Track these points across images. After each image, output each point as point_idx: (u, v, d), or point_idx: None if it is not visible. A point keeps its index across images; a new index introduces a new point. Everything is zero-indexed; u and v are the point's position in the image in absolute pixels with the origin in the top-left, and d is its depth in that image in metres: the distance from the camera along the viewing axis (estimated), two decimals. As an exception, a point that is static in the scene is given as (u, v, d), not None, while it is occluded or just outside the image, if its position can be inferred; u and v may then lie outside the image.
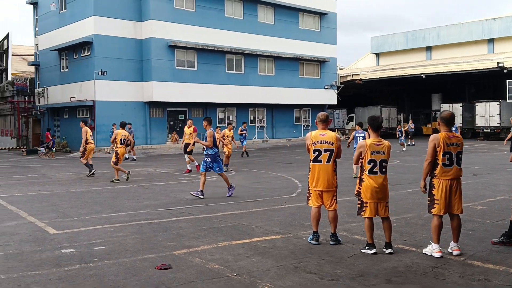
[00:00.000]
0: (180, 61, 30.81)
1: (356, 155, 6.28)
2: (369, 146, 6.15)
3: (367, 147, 6.14)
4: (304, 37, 37.27)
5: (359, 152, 6.23)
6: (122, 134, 14.70)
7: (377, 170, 6.13)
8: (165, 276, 5.29)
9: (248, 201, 10.51)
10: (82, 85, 29.64)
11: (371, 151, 6.13)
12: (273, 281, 5.13)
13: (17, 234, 7.44)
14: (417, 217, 8.45)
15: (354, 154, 6.66)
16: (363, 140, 6.26)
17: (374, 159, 6.13)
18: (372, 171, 6.13)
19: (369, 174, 6.13)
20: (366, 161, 6.14)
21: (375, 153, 6.14)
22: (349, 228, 7.58)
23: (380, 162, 6.15)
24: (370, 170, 6.13)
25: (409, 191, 11.52)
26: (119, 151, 14.41)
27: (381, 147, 6.18)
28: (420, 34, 50.84)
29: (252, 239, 6.97)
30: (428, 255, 6.01)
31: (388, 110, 44.02)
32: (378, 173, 6.14)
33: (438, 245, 6.00)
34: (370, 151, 6.13)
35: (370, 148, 6.14)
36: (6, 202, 10.61)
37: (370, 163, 6.12)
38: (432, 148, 6.01)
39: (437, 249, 5.98)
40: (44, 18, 33.58)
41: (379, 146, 6.17)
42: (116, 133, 14.74)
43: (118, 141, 14.55)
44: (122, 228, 7.78)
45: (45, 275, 5.37)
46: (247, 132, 25.42)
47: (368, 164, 6.13)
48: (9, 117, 37.77)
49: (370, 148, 6.14)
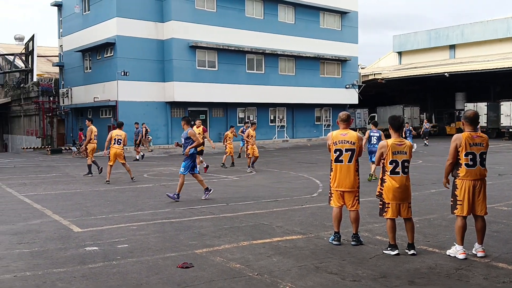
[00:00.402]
0: (201, 61, 30.99)
1: (377, 155, 6.21)
2: (391, 147, 6.07)
3: (389, 148, 6.07)
4: (325, 36, 37.06)
5: (380, 152, 6.16)
6: (116, 134, 14.13)
7: (399, 171, 6.06)
8: (187, 275, 5.33)
9: (269, 200, 10.51)
10: (105, 85, 30.07)
11: (393, 151, 6.06)
12: (294, 281, 5.12)
13: (42, 232, 7.60)
14: (441, 218, 8.32)
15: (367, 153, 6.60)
16: (385, 141, 6.19)
17: (396, 160, 6.06)
18: (394, 172, 6.06)
19: (391, 175, 6.06)
20: (388, 162, 6.07)
21: (397, 153, 6.07)
22: (371, 229, 7.52)
23: (402, 163, 6.07)
24: (392, 171, 6.06)
25: (432, 192, 11.36)
26: (111, 151, 14.00)
27: (403, 147, 6.11)
28: (444, 33, 50.06)
29: (273, 238, 6.97)
30: (452, 257, 5.91)
31: (411, 110, 43.47)
32: (400, 173, 6.06)
33: (462, 247, 5.90)
34: (391, 152, 6.06)
35: (392, 149, 6.07)
36: (31, 200, 10.85)
37: (392, 164, 6.05)
38: (453, 149, 5.91)
39: (461, 250, 5.88)
40: (68, 19, 34.19)
41: (401, 146, 6.10)
42: (110, 133, 14.35)
43: (112, 141, 14.08)
44: (144, 227, 7.87)
45: (69, 272, 5.47)
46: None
47: (390, 165, 6.06)
48: (34, 117, 38.57)
49: (391, 148, 6.07)
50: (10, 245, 6.73)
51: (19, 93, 40.38)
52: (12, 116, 43.49)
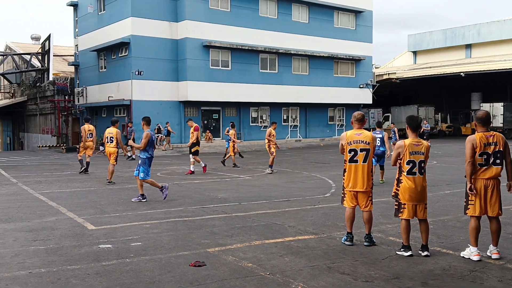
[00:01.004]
0: (214, 61, 31.07)
1: (394, 156, 6.16)
2: (408, 147, 6.02)
3: (406, 148, 6.02)
4: (339, 35, 36.89)
5: (397, 152, 6.10)
6: (109, 132, 13.86)
7: (416, 171, 6.00)
8: (199, 273, 5.35)
9: (281, 200, 10.50)
10: (120, 84, 30.33)
11: (410, 151, 6.01)
12: (306, 281, 5.11)
13: (57, 229, 7.70)
14: (455, 219, 8.24)
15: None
16: (402, 141, 6.14)
17: (413, 160, 6.00)
18: (411, 172, 6.01)
19: (408, 175, 6.01)
20: (405, 162, 6.02)
21: (414, 153, 6.01)
22: (384, 230, 7.47)
23: (419, 163, 6.02)
24: (409, 171, 6.01)
25: (447, 193, 11.25)
26: (106, 150, 13.89)
27: (420, 147, 6.06)
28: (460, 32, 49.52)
29: (285, 238, 6.97)
30: (466, 259, 5.85)
31: (426, 110, 43.08)
32: (417, 174, 6.01)
33: (476, 248, 5.84)
34: (409, 152, 6.01)
35: (409, 149, 6.02)
36: (47, 198, 10.99)
37: (409, 164, 6.00)
38: (470, 149, 5.83)
39: (475, 252, 5.82)
40: (84, 19, 34.54)
41: (418, 146, 6.05)
42: (106, 132, 14.08)
43: (105, 139, 13.98)
44: (157, 225, 7.92)
45: (83, 269, 5.53)
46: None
47: (407, 165, 6.01)
48: (50, 115, 39.06)
49: (409, 148, 6.02)
50: (26, 242, 6.83)
51: (35, 92, 40.92)
52: (28, 114, 44.09)
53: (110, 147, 13.73)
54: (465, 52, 49.53)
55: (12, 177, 15.64)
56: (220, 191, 12.04)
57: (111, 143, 13.74)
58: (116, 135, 13.76)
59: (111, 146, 13.73)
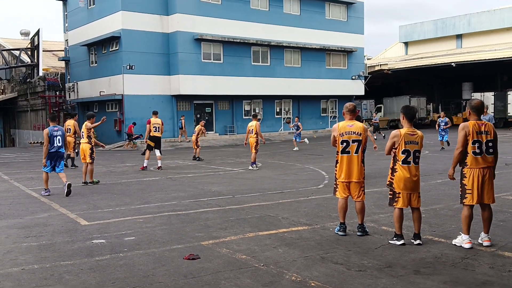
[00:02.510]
0: (206, 54, 30.95)
1: (389, 145, 6.19)
2: (404, 136, 6.05)
3: (402, 137, 6.05)
4: (331, 27, 36.85)
5: (392, 142, 6.13)
6: (86, 127, 12.56)
7: (411, 160, 6.05)
8: (193, 266, 5.36)
9: (275, 192, 10.52)
10: (111, 79, 30.14)
11: (405, 141, 6.05)
12: (300, 271, 5.14)
13: (49, 225, 7.67)
14: (447, 208, 8.30)
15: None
16: (397, 130, 6.17)
17: (408, 149, 6.04)
18: (405, 161, 6.05)
19: (403, 164, 6.05)
20: (400, 151, 6.05)
21: (409, 143, 6.05)
22: (377, 219, 7.52)
23: (414, 152, 6.06)
24: (404, 160, 6.04)
25: (439, 182, 11.32)
26: (82, 146, 12.52)
27: (415, 137, 6.10)
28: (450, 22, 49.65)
29: (279, 230, 6.99)
30: (458, 246, 5.91)
31: (418, 100, 43.26)
32: (411, 163, 6.05)
33: (468, 236, 5.90)
34: (404, 141, 6.04)
35: (405, 138, 6.05)
36: (39, 194, 10.93)
37: (404, 153, 6.04)
38: (463, 137, 5.89)
39: (467, 239, 5.88)
40: (73, 14, 34.22)
41: (413, 136, 6.09)
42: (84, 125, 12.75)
43: (80, 135, 12.82)
44: (151, 219, 7.91)
45: (77, 265, 5.52)
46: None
47: (402, 154, 6.05)
48: (41, 111, 38.76)
49: (404, 138, 6.05)
50: (18, 239, 6.80)
51: (26, 88, 40.57)
52: (19, 111, 43.72)
53: (83, 143, 12.46)
54: (456, 42, 49.70)
55: (3, 174, 15.54)
56: (213, 184, 12.04)
57: (83, 138, 12.49)
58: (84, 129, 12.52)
59: (83, 142, 12.46)
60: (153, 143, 15.77)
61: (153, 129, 15.75)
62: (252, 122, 15.72)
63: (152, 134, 15.71)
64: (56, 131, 10.97)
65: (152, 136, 15.73)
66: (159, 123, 15.76)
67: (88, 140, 12.43)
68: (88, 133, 12.46)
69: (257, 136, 15.41)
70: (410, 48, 53.63)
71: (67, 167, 16.31)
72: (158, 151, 15.86)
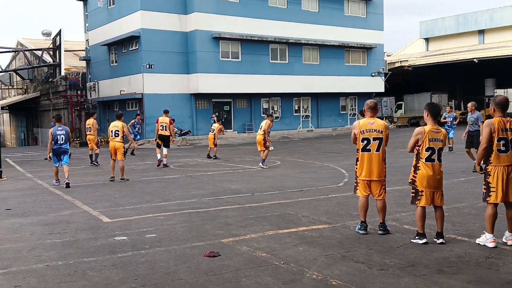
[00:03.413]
0: (224, 53, 31.01)
1: (412, 142, 6.11)
2: (428, 133, 5.97)
3: (426, 134, 5.97)
4: (350, 23, 36.55)
5: (416, 139, 6.05)
6: (114, 126, 13.09)
7: (435, 158, 5.97)
8: (214, 264, 5.39)
9: (294, 190, 10.50)
10: (131, 78, 30.44)
11: (430, 138, 5.97)
12: (321, 270, 5.11)
13: (73, 222, 7.79)
14: (470, 206, 8.17)
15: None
16: (421, 127, 6.09)
17: (432, 147, 5.96)
18: (429, 159, 5.96)
19: (426, 162, 5.96)
20: (424, 149, 5.97)
21: (433, 140, 5.97)
22: (398, 218, 7.43)
23: (438, 150, 5.99)
24: (428, 158, 5.96)
25: (461, 180, 11.14)
26: (109, 145, 13.03)
27: (439, 134, 6.02)
28: (472, 17, 48.74)
29: (299, 228, 6.97)
30: (482, 245, 5.81)
31: (439, 97, 42.59)
32: (435, 161, 5.97)
33: (492, 235, 5.79)
34: (428, 138, 5.96)
35: (429, 135, 5.97)
36: (62, 192, 11.11)
37: (428, 151, 5.96)
38: (488, 133, 5.78)
39: (491, 239, 5.78)
40: (94, 14, 34.66)
41: (437, 133, 6.01)
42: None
43: (109, 133, 13.14)
44: (171, 217, 7.98)
45: (100, 261, 5.60)
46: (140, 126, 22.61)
47: (426, 152, 5.97)
48: (63, 110, 39.36)
49: (428, 135, 5.97)
50: (42, 235, 6.93)
51: (48, 87, 41.26)
52: (41, 110, 44.51)
53: (116, 141, 12.85)
54: (478, 37, 48.76)
55: (27, 172, 15.85)
56: (233, 182, 12.07)
57: (117, 137, 12.88)
58: (122, 129, 13.00)
59: (117, 141, 12.86)
60: (161, 142, 16.21)
61: (160, 127, 16.18)
62: (264, 121, 15.35)
63: (159, 132, 16.14)
64: (60, 130, 12.19)
65: (159, 134, 16.14)
66: (167, 122, 16.14)
67: (122, 139, 12.90)
68: (123, 133, 12.93)
69: (264, 134, 14.94)
70: (431, 44, 52.82)
71: (94, 164, 16.76)
72: (165, 149, 16.18)
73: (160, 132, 16.14)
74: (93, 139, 17.12)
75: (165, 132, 16.08)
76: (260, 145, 15.10)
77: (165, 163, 16.13)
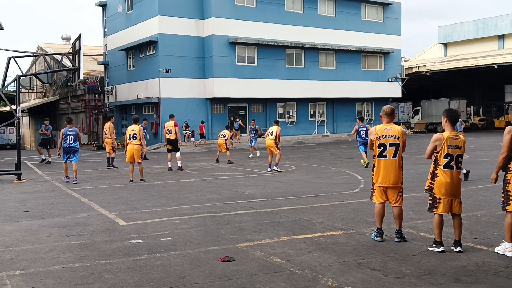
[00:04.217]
0: (240, 57, 31.13)
1: (430, 148, 6.02)
2: (447, 140, 5.88)
3: (444, 141, 5.88)
4: (367, 28, 36.40)
5: (434, 145, 5.96)
6: (131, 129, 13.47)
7: (454, 165, 5.87)
8: (228, 268, 5.38)
9: (309, 196, 10.45)
10: (148, 83, 30.74)
11: (448, 145, 5.88)
12: (336, 276, 5.07)
13: (89, 224, 7.87)
14: (489, 214, 8.03)
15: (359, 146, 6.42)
16: (440, 134, 6.00)
17: (451, 153, 5.87)
18: (448, 166, 5.87)
19: (445, 169, 5.87)
20: (442, 155, 5.88)
21: (452, 147, 5.88)
22: (415, 225, 7.34)
23: (457, 157, 5.89)
24: (446, 165, 5.87)
25: (480, 187, 10.97)
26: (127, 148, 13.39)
27: (458, 141, 5.93)
28: (492, 22, 48.12)
29: (314, 234, 6.93)
30: (500, 254, 5.70)
31: (457, 103, 42.10)
32: (454, 168, 5.88)
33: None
34: (447, 145, 5.88)
35: (448, 142, 5.88)
36: (79, 194, 11.24)
37: (447, 157, 5.87)
38: (508, 141, 5.69)
39: (510, 248, 5.67)
40: (112, 19, 35.12)
41: (456, 140, 5.92)
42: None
43: (127, 137, 13.50)
44: (186, 221, 8.00)
45: (115, 264, 5.64)
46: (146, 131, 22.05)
47: (445, 159, 5.88)
48: (81, 114, 39.91)
49: (447, 141, 5.88)
50: (59, 237, 7.01)
51: (67, 91, 41.89)
52: (60, 113, 45.18)
53: (135, 144, 13.22)
54: (498, 43, 48.10)
55: (45, 174, 16.07)
56: (247, 187, 12.07)
57: (135, 139, 13.25)
58: (140, 132, 13.34)
59: (135, 144, 13.23)
60: (170, 146, 16.34)
61: (167, 132, 16.32)
62: (273, 127, 15.82)
63: (167, 137, 16.31)
64: (70, 131, 13.47)
65: (167, 139, 16.32)
66: (172, 126, 16.18)
67: (140, 142, 13.30)
68: (141, 136, 13.35)
69: (275, 139, 15.36)
70: (450, 49, 52.28)
71: (111, 168, 17.00)
72: (177, 152, 16.33)
73: (168, 137, 16.27)
74: (110, 142, 17.35)
75: (171, 136, 16.16)
76: (272, 148, 15.44)
77: (179, 165, 16.25)
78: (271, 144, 15.45)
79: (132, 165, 13.36)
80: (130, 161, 13.33)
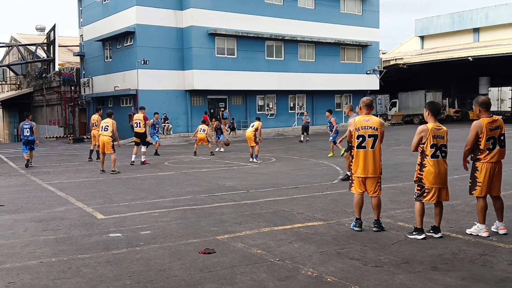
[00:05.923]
0: (220, 49, 30.95)
1: (416, 140, 6.15)
2: (431, 131, 6.07)
3: (429, 132, 6.06)
4: (346, 21, 36.58)
5: (420, 137, 6.11)
6: (104, 122, 13.88)
7: (439, 154, 6.10)
8: (209, 260, 5.37)
9: (289, 187, 10.50)
10: (126, 74, 30.33)
11: (433, 135, 6.07)
12: (316, 266, 5.12)
13: (66, 219, 7.75)
14: (464, 203, 8.20)
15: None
16: (424, 125, 6.15)
17: (436, 143, 6.07)
18: (434, 155, 6.07)
19: (432, 159, 6.06)
20: (429, 146, 6.07)
21: (437, 137, 6.08)
22: (393, 215, 7.45)
23: (441, 146, 6.11)
24: (433, 155, 6.07)
25: (455, 178, 11.18)
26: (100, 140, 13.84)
27: (441, 131, 6.14)
28: (467, 15, 48.89)
29: (294, 225, 6.97)
30: (475, 240, 5.87)
31: (433, 95, 42.72)
32: (440, 157, 6.09)
33: (485, 225, 6.04)
34: (432, 136, 6.06)
35: (432, 132, 6.06)
36: (55, 188, 11.06)
37: (433, 148, 6.06)
38: (474, 136, 6.09)
39: (484, 228, 6.06)
40: (88, 9, 34.47)
41: (439, 130, 6.13)
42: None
43: (99, 128, 14.06)
44: (166, 214, 7.95)
45: (94, 258, 5.57)
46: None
47: (431, 149, 6.06)
48: (57, 106, 39.20)
49: (432, 132, 6.07)
50: (36, 232, 6.88)
51: (41, 83, 41.05)
52: (34, 106, 44.29)
53: (105, 135, 13.52)
54: (473, 36, 48.93)
55: (20, 168, 15.75)
56: (228, 179, 12.06)
57: (106, 131, 13.53)
58: (112, 125, 13.66)
59: (105, 135, 13.52)
60: (138, 139, 15.88)
61: (135, 125, 15.99)
62: (255, 122, 16.32)
63: (135, 130, 15.95)
64: (26, 124, 15.31)
65: (135, 132, 15.95)
66: (140, 118, 15.86)
67: (111, 134, 13.56)
68: (113, 128, 13.59)
69: (255, 131, 15.80)
70: (426, 42, 52.95)
71: (91, 160, 17.11)
72: (143, 147, 16.00)
73: (136, 130, 15.84)
74: (97, 134, 16.72)
75: (139, 130, 15.76)
76: (251, 140, 15.82)
77: (143, 160, 15.91)
78: (250, 136, 15.85)
79: (104, 155, 13.82)
80: (101, 152, 13.79)
